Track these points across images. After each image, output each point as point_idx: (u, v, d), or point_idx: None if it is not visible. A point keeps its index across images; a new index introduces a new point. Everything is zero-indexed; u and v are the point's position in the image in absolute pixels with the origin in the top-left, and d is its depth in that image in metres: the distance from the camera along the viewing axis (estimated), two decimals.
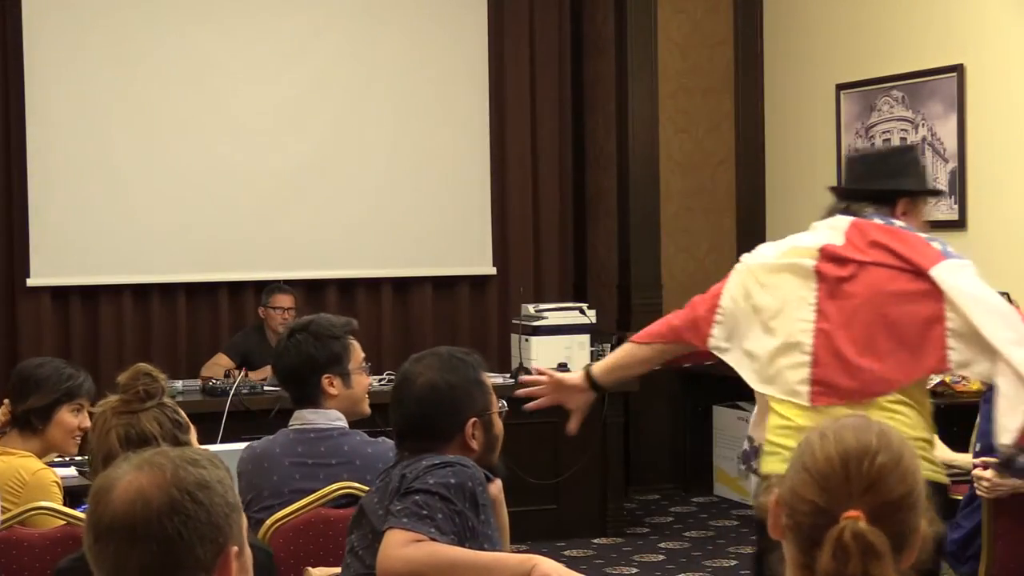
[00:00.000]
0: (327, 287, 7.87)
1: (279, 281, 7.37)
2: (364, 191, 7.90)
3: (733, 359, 3.45)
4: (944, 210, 6.90)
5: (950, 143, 6.84)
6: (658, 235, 8.18)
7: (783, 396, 3.33)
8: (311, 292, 7.79)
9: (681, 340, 3.54)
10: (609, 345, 7.24)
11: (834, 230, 3.40)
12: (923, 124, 7.02)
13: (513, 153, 8.23)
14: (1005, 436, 3.18)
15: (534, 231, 8.28)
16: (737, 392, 7.94)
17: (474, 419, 2.85)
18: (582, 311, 7.15)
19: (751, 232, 8.33)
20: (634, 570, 6.44)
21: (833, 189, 3.66)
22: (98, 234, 7.47)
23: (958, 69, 6.76)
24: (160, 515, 1.69)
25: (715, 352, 3.48)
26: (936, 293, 3.24)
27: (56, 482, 3.67)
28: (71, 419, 3.76)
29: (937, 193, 3.95)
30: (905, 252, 3.30)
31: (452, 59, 8.10)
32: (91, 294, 7.55)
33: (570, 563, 6.51)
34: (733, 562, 6.49)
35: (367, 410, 3.70)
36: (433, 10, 8.07)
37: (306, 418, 3.51)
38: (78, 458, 4.28)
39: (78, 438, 3.79)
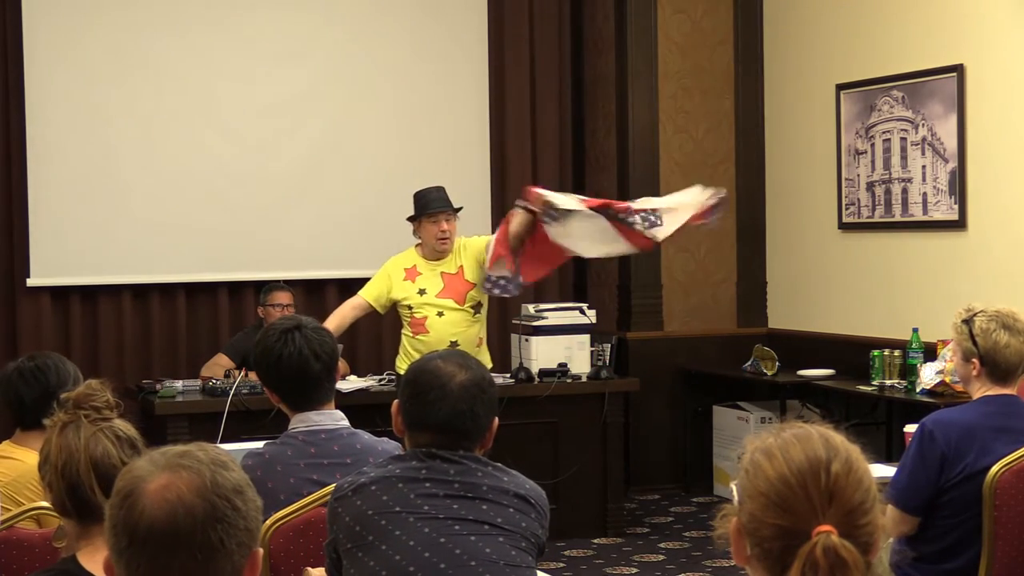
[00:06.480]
0: (327, 287, 7.87)
1: (278, 280, 7.37)
2: (364, 191, 7.91)
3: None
4: (944, 210, 6.90)
5: (950, 143, 6.84)
6: None
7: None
8: (311, 292, 7.79)
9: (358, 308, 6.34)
10: (609, 345, 7.24)
11: None
12: (923, 124, 7.01)
13: (513, 153, 8.23)
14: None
15: None
16: (737, 392, 7.97)
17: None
18: (582, 311, 7.14)
19: (751, 232, 8.33)
20: (634, 570, 6.44)
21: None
22: (98, 234, 7.47)
23: (958, 69, 6.76)
24: (204, 523, 1.69)
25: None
26: None
27: None
28: None
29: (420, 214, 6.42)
30: None
31: (452, 59, 8.10)
32: (91, 294, 7.55)
33: (570, 563, 6.52)
34: (733, 562, 6.48)
35: None
36: (433, 10, 8.07)
37: (311, 420, 3.44)
38: None
39: None
